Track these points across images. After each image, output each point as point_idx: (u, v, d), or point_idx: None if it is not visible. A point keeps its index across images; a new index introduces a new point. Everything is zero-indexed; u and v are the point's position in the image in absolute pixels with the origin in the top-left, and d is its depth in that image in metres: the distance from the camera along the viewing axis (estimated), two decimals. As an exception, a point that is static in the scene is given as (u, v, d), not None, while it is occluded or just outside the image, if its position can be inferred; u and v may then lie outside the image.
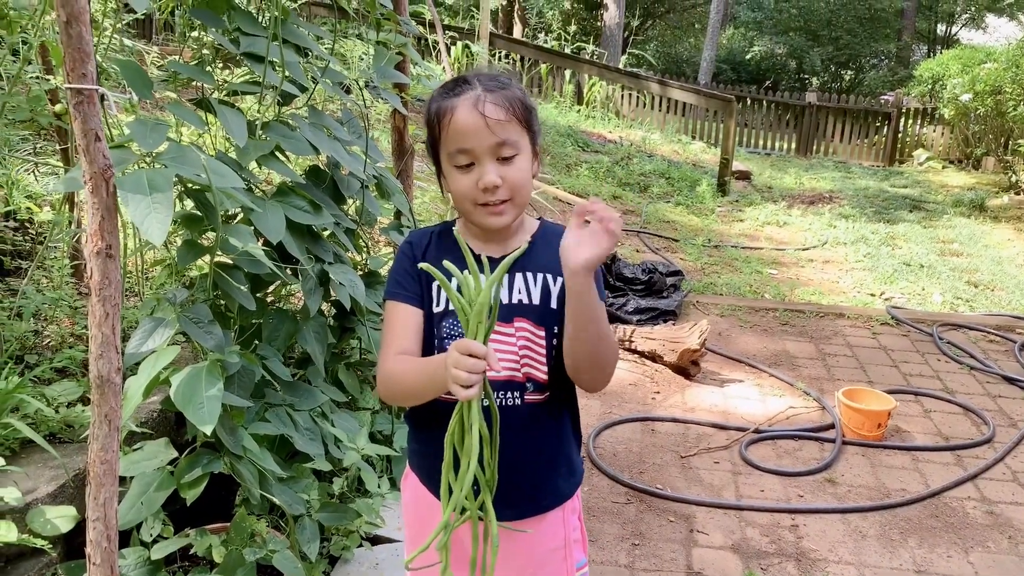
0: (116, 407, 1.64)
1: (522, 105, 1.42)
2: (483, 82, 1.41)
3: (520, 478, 1.49)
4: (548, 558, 1.57)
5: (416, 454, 1.61)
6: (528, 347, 1.47)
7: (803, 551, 2.87)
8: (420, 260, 1.52)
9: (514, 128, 1.40)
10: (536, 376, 1.48)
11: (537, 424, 1.50)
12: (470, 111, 1.38)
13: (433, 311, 1.50)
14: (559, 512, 1.56)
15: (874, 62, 26.17)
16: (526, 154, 1.43)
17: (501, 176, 1.39)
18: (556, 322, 1.47)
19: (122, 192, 1.55)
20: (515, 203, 1.43)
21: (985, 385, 4.39)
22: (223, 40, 1.98)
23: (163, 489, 1.83)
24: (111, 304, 1.60)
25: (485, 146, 1.39)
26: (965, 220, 9.03)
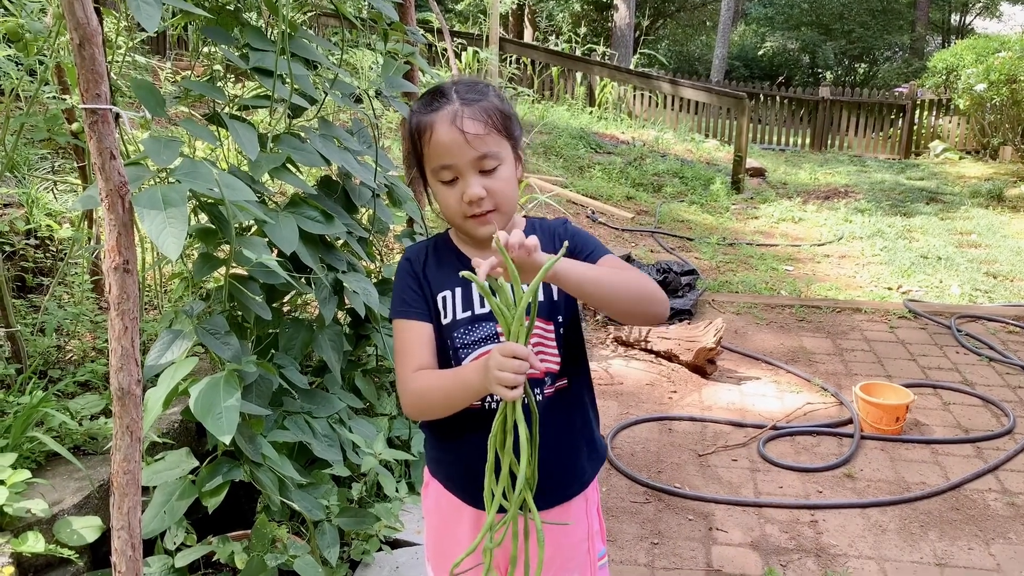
0: (137, 418, 1.68)
1: (500, 114, 1.45)
2: (460, 94, 1.44)
3: (546, 466, 1.51)
4: (575, 550, 1.60)
5: (438, 462, 1.64)
6: (540, 343, 1.50)
7: (823, 547, 2.87)
8: (420, 274, 1.55)
9: (493, 139, 1.43)
10: (551, 368, 1.52)
11: (558, 412, 1.53)
12: (449, 128, 1.41)
13: (441, 323, 1.53)
14: (582, 503, 1.59)
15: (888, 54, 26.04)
16: (508, 163, 1.46)
17: (485, 188, 1.42)
18: (560, 312, 1.51)
19: (138, 208, 1.58)
20: (501, 211, 1.46)
21: (1005, 376, 4.36)
22: (232, 56, 2.02)
23: (185, 498, 1.86)
24: (130, 318, 1.64)
25: (466, 161, 1.41)
26: (983, 211, 8.96)
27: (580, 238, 1.55)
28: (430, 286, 1.54)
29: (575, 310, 1.57)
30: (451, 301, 1.52)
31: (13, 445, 2.02)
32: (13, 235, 3.20)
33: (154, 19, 1.56)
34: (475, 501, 1.55)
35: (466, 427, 1.53)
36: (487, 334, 1.50)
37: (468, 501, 1.57)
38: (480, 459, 1.45)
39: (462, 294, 1.51)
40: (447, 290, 1.53)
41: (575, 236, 1.55)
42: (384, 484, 2.24)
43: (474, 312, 1.50)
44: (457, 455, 1.56)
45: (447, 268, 1.54)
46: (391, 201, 2.80)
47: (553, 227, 1.59)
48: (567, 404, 1.55)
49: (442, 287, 1.53)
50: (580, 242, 1.54)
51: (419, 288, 1.54)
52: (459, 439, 1.55)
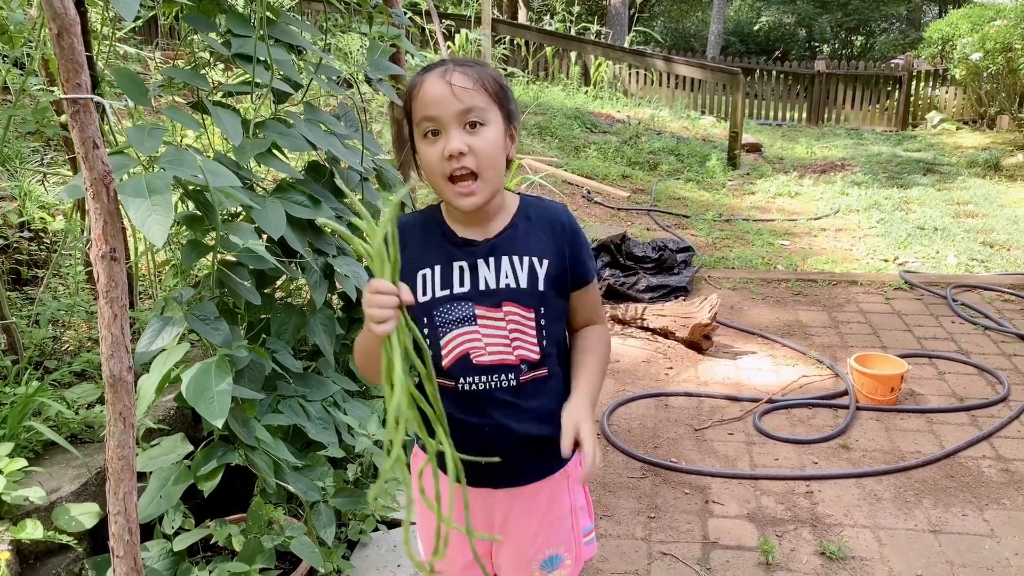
0: (130, 405, 1.69)
1: (493, 80, 1.44)
2: (456, 61, 1.45)
3: (525, 446, 1.54)
4: (558, 525, 1.62)
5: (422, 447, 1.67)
6: (518, 330, 1.50)
7: (818, 516, 2.90)
8: (404, 247, 1.55)
9: (481, 97, 1.41)
10: (529, 357, 1.51)
11: (534, 397, 1.54)
12: (437, 80, 1.41)
13: (419, 301, 1.52)
14: (563, 479, 1.60)
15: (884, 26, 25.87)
16: (495, 126, 1.43)
17: (467, 144, 1.39)
18: (543, 302, 1.50)
19: (123, 196, 1.60)
20: (484, 179, 1.42)
21: (1000, 345, 4.38)
22: (215, 43, 2.02)
23: (180, 483, 1.89)
24: (119, 305, 1.65)
25: (450, 112, 1.39)
26: (980, 181, 8.95)
27: (579, 243, 1.55)
28: (411, 263, 1.52)
29: (563, 305, 1.56)
30: (430, 279, 1.51)
31: (10, 435, 2.04)
32: (7, 228, 3.21)
33: (132, 8, 1.56)
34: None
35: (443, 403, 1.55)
36: (465, 314, 1.50)
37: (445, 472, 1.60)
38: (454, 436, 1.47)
39: (441, 272, 1.51)
40: (427, 267, 1.52)
41: (575, 237, 1.54)
42: (379, 465, 2.26)
43: (452, 291, 1.50)
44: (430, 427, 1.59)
45: (431, 243, 1.53)
46: (380, 185, 2.81)
47: (553, 215, 1.56)
48: (545, 392, 1.55)
49: (423, 263, 1.52)
50: (578, 250, 1.54)
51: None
52: None
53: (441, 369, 1.53)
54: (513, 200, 1.57)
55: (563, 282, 1.53)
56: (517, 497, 1.59)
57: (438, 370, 1.54)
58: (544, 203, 1.58)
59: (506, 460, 1.52)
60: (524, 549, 1.61)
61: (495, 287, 1.49)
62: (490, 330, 1.50)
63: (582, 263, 1.55)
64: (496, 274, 1.49)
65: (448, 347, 1.53)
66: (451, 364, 1.53)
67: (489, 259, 1.50)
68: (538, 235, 1.52)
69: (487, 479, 1.56)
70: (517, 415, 1.52)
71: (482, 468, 1.51)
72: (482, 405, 1.52)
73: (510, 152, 1.51)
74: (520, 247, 1.50)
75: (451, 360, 1.53)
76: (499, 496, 1.59)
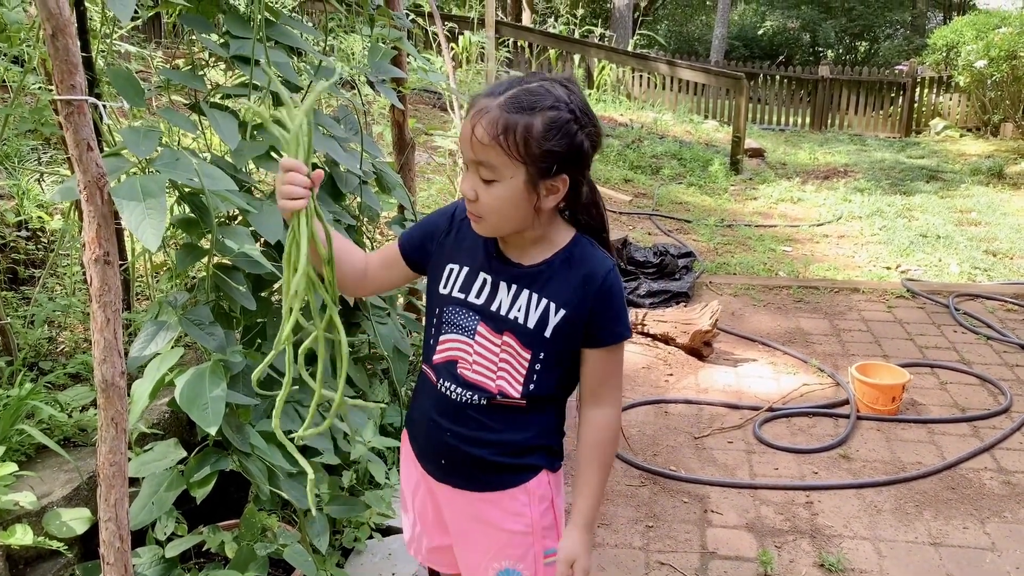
0: (122, 410, 1.67)
1: (524, 138, 1.33)
2: (510, 97, 1.35)
3: (480, 466, 1.54)
4: (513, 541, 1.58)
5: (409, 422, 1.70)
6: (509, 363, 1.49)
7: (818, 527, 2.88)
8: (446, 232, 1.58)
9: (496, 155, 1.34)
10: (508, 392, 1.49)
11: (504, 424, 1.52)
12: (468, 121, 1.38)
13: (439, 291, 1.55)
14: (523, 495, 1.56)
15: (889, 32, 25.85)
16: (509, 185, 1.36)
17: (476, 192, 1.39)
18: (545, 349, 1.48)
19: (117, 199, 1.57)
20: (488, 222, 1.42)
21: (1002, 355, 4.35)
22: (212, 44, 2.00)
23: (173, 489, 1.86)
24: (112, 309, 1.63)
25: (467, 157, 1.39)
26: (983, 188, 8.92)
27: (608, 304, 1.47)
28: (447, 250, 1.56)
29: (570, 358, 1.51)
30: (455, 275, 1.53)
31: (2, 438, 2.02)
32: (4, 227, 3.19)
33: (128, 9, 1.54)
34: (422, 461, 1.64)
35: (425, 393, 1.61)
36: (469, 324, 1.50)
37: (418, 459, 1.64)
38: (426, 429, 1.59)
39: (467, 274, 1.52)
40: (457, 263, 1.54)
41: (607, 297, 1.46)
42: (374, 472, 2.24)
43: (467, 297, 1.51)
44: (416, 416, 1.64)
45: (470, 241, 1.54)
46: (380, 188, 2.78)
47: (592, 268, 1.47)
48: (517, 422, 1.52)
49: (455, 258, 1.55)
50: (604, 311, 1.47)
51: (431, 241, 1.59)
52: (422, 403, 1.62)
53: (431, 362, 1.57)
54: (564, 235, 1.50)
55: (575, 337, 1.48)
56: (471, 502, 1.59)
57: (429, 361, 1.58)
58: (592, 252, 1.50)
59: (460, 468, 1.56)
60: (477, 556, 1.61)
61: (504, 315, 1.48)
62: (484, 350, 1.50)
63: (603, 326, 1.48)
64: (511, 303, 1.48)
65: (442, 346, 1.55)
66: (439, 362, 1.56)
67: (512, 285, 1.48)
68: (568, 281, 1.47)
69: (437, 473, 1.60)
70: (479, 435, 1.52)
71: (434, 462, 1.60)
72: (452, 412, 1.54)
73: (542, 203, 1.41)
74: (545, 287, 1.47)
75: (441, 359, 1.56)
76: (447, 492, 1.61)
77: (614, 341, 1.50)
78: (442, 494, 1.62)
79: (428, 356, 1.58)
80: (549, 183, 1.39)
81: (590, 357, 1.51)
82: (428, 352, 1.58)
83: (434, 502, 1.66)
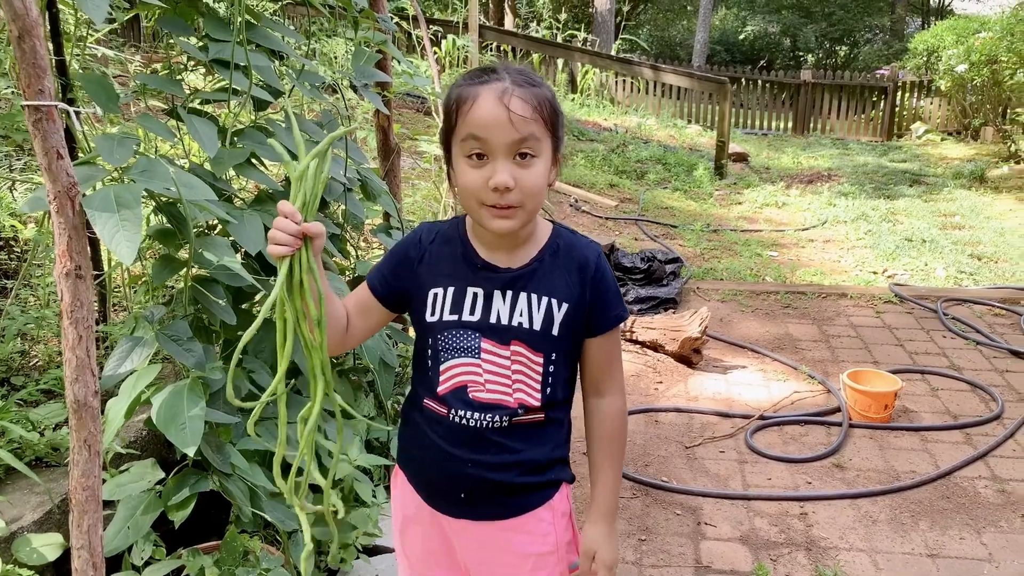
0: (95, 431, 1.59)
1: (551, 107, 1.32)
2: (512, 75, 1.32)
3: (504, 491, 1.47)
4: (540, 563, 1.52)
5: (407, 456, 1.58)
6: (523, 372, 1.42)
7: (813, 539, 2.82)
8: (418, 260, 1.47)
9: (539, 128, 1.30)
10: (528, 403, 1.43)
11: (527, 442, 1.46)
12: (495, 102, 1.28)
13: (427, 320, 1.45)
14: (547, 514, 1.51)
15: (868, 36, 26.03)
16: (545, 159, 1.33)
17: (515, 178, 1.29)
18: (556, 348, 1.42)
19: (89, 210, 1.50)
20: (526, 209, 1.34)
21: (992, 360, 4.33)
22: (191, 48, 1.92)
23: (150, 512, 1.78)
24: (84, 326, 1.55)
25: (504, 142, 1.28)
26: (966, 192, 8.95)
27: (604, 289, 1.45)
28: (423, 277, 1.46)
29: (577, 351, 1.48)
30: (440, 299, 1.43)
31: (-31, 460, 1.93)
32: (-25, 237, 3.10)
33: (101, 11, 1.47)
34: (432, 502, 1.52)
35: (432, 429, 1.48)
36: (470, 345, 1.42)
37: (426, 500, 1.53)
38: (439, 465, 1.46)
39: (453, 294, 1.42)
40: (439, 287, 1.44)
41: (601, 281, 1.44)
42: (360, 491, 2.16)
43: (461, 317, 1.42)
44: (421, 455, 1.51)
45: (450, 261, 1.45)
46: (365, 195, 2.71)
47: (583, 255, 1.45)
48: (539, 438, 1.47)
49: (435, 282, 1.44)
50: (601, 296, 1.44)
51: (405, 274, 1.47)
52: (425, 440, 1.49)
53: (436, 394, 1.46)
54: (544, 229, 1.47)
55: (579, 328, 1.44)
56: (495, 531, 1.50)
57: (433, 394, 1.47)
58: (576, 239, 1.48)
59: (484, 498, 1.47)
60: None
61: (507, 324, 1.40)
62: (493, 367, 1.42)
63: (602, 311, 1.45)
64: (511, 310, 1.40)
65: (446, 374, 1.45)
66: (446, 392, 1.45)
67: (507, 292, 1.41)
68: (562, 274, 1.42)
69: (454, 509, 1.50)
70: (503, 459, 1.44)
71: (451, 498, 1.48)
72: (471, 440, 1.44)
73: (552, 180, 1.39)
74: (541, 284, 1.41)
75: (447, 388, 1.45)
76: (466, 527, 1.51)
77: (615, 324, 1.48)
78: (459, 530, 1.51)
79: (431, 389, 1.46)
80: (558, 155, 1.39)
81: (592, 346, 1.48)
82: (430, 385, 1.47)
83: (443, 542, 1.55)
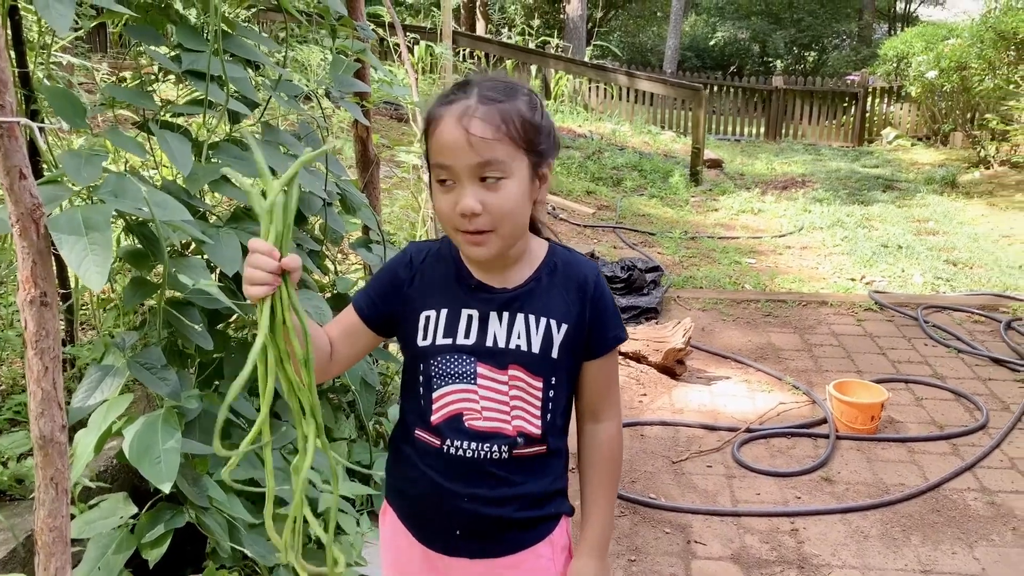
0: (63, 468, 1.49)
1: (520, 122, 1.24)
2: (482, 90, 1.25)
3: (503, 527, 1.39)
4: None
5: (396, 491, 1.49)
6: (521, 398, 1.34)
7: (805, 557, 2.77)
8: (408, 281, 1.39)
9: (503, 148, 1.22)
10: (528, 431, 1.35)
11: (528, 475, 1.38)
12: (454, 125, 1.22)
13: (419, 345, 1.37)
14: (547, 549, 1.44)
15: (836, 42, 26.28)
16: (518, 179, 1.25)
17: (482, 202, 1.22)
18: (555, 372, 1.34)
19: (55, 233, 1.40)
20: (500, 234, 1.26)
21: (974, 368, 4.32)
22: (162, 58, 1.83)
23: (123, 551, 1.68)
24: (50, 357, 1.45)
25: (464, 165, 1.22)
26: (938, 198, 9.01)
27: (603, 308, 1.38)
28: (415, 299, 1.38)
29: (576, 374, 1.40)
30: (433, 322, 1.35)
31: (-73, 495, 1.81)
32: (-66, 253, 2.96)
33: (66, 20, 1.37)
34: (425, 539, 1.43)
35: (424, 462, 1.39)
36: (465, 370, 1.34)
37: (418, 537, 1.44)
38: (433, 500, 1.38)
39: (447, 316, 1.35)
40: (432, 309, 1.36)
41: (600, 300, 1.38)
42: (343, 523, 2.07)
43: (455, 341, 1.34)
44: (413, 490, 1.43)
45: (443, 281, 1.38)
46: (344, 208, 2.62)
47: (581, 273, 1.38)
48: (541, 471, 1.40)
49: (427, 304, 1.37)
50: (600, 316, 1.38)
51: (395, 297, 1.39)
52: (417, 473, 1.41)
53: (429, 424, 1.38)
54: (540, 247, 1.39)
55: (579, 349, 1.37)
56: (492, 569, 1.42)
57: (426, 424, 1.38)
58: (573, 257, 1.41)
59: (480, 534, 1.39)
60: None
61: (503, 347, 1.33)
62: (490, 392, 1.33)
63: (602, 332, 1.38)
64: (508, 333, 1.33)
65: (440, 402, 1.37)
66: (440, 421, 1.37)
67: (503, 313, 1.33)
68: (561, 293, 1.35)
69: (448, 547, 1.41)
70: (501, 493, 1.36)
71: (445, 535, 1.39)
72: (467, 473, 1.36)
73: (538, 195, 1.32)
74: (539, 305, 1.34)
75: (441, 417, 1.37)
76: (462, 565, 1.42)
77: (614, 346, 1.41)
78: (454, 569, 1.42)
79: (423, 419, 1.38)
80: (542, 170, 1.31)
81: (590, 368, 1.41)
82: (421, 414, 1.39)
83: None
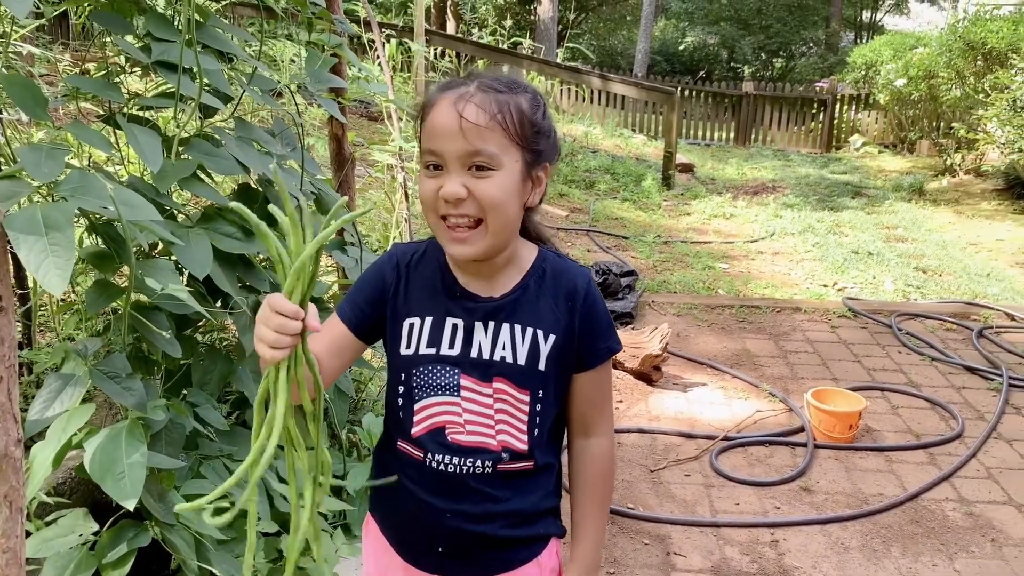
0: (18, 485, 1.38)
1: (519, 116, 1.19)
2: (484, 80, 1.20)
3: (487, 545, 1.32)
4: None
5: (379, 500, 1.42)
6: (506, 412, 1.27)
7: (786, 569, 2.73)
8: (394, 286, 1.31)
9: (496, 139, 1.17)
10: (514, 446, 1.28)
11: (514, 491, 1.31)
12: (448, 109, 1.17)
13: (402, 353, 1.30)
14: (535, 571, 1.37)
15: (804, 49, 26.58)
16: (509, 172, 1.19)
17: (469, 188, 1.16)
18: (542, 385, 1.27)
19: (12, 233, 1.30)
20: (489, 230, 1.19)
21: (948, 376, 4.33)
22: (131, 48, 1.72)
23: (83, 571, 1.58)
24: (5, 366, 1.34)
25: (453, 150, 1.16)
26: (906, 205, 9.09)
27: (595, 319, 1.31)
28: (399, 305, 1.30)
29: (565, 387, 1.33)
30: (417, 330, 1.28)
31: None
32: None
33: (25, 5, 1.27)
34: (407, 555, 1.36)
35: (406, 475, 1.33)
36: (448, 382, 1.27)
37: (400, 553, 1.37)
38: (414, 515, 1.32)
39: (431, 325, 1.28)
40: (416, 316, 1.29)
41: (592, 311, 1.31)
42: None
43: (439, 351, 1.27)
44: (395, 502, 1.36)
45: (428, 287, 1.31)
46: (319, 209, 2.53)
47: (571, 282, 1.31)
48: (527, 488, 1.32)
49: (411, 311, 1.30)
50: (591, 327, 1.31)
51: (379, 300, 1.31)
52: (399, 486, 1.34)
53: (410, 436, 1.31)
54: (529, 253, 1.32)
55: (568, 362, 1.30)
56: None
57: (407, 436, 1.31)
58: (564, 264, 1.33)
59: (464, 552, 1.32)
60: None
61: (488, 358, 1.26)
62: (473, 405, 1.26)
63: (593, 343, 1.31)
64: (492, 343, 1.26)
65: (421, 414, 1.30)
66: (422, 434, 1.30)
67: (488, 323, 1.26)
68: (549, 302, 1.28)
69: (430, 564, 1.34)
70: (485, 509, 1.29)
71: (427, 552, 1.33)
72: (450, 488, 1.29)
73: (531, 199, 1.26)
74: (526, 315, 1.27)
75: (423, 430, 1.30)
76: None
77: (606, 358, 1.34)
78: None
79: (404, 430, 1.32)
80: (537, 173, 1.25)
81: (581, 381, 1.34)
82: (403, 426, 1.32)
83: None
